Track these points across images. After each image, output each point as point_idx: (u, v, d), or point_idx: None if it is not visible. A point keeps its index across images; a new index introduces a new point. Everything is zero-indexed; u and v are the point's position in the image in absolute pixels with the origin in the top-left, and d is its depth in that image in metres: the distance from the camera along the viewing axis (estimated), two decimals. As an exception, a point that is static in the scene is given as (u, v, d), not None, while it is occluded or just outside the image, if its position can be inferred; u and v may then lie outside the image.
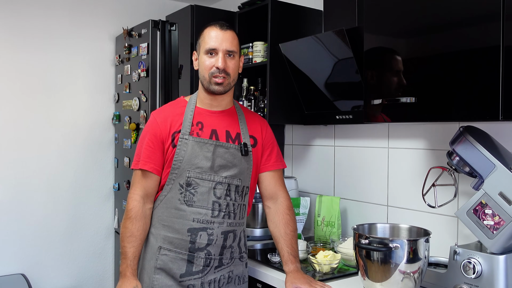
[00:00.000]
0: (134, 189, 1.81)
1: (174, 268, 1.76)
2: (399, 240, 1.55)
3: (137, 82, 2.97)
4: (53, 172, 3.15)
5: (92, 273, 3.32)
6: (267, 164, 1.94)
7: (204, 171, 1.76)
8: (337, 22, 2.33)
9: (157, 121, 1.82)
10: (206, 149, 1.77)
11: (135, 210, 1.78)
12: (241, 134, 1.87)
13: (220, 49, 1.76)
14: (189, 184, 1.76)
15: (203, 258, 1.77)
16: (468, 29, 1.53)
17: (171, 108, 1.88)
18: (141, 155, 1.80)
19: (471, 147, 1.60)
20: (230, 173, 1.80)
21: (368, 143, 2.40)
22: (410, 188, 2.17)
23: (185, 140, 1.77)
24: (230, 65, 1.78)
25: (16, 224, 3.01)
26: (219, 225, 1.78)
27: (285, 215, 1.92)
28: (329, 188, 2.62)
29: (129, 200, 1.80)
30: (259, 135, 1.92)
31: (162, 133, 1.79)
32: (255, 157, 1.89)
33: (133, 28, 3.04)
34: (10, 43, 2.98)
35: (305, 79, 2.40)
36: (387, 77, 1.82)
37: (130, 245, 1.76)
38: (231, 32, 1.80)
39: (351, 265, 2.00)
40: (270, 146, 1.96)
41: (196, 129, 1.80)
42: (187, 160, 1.76)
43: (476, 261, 1.56)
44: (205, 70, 1.78)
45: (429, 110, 1.65)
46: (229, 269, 1.83)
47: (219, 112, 1.87)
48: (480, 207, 1.59)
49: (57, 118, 3.16)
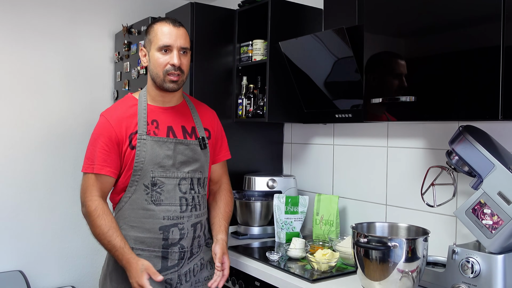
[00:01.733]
0: (90, 191, 1.76)
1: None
2: (397, 239, 1.55)
3: (136, 80, 2.96)
4: (51, 170, 3.14)
5: (90, 270, 3.32)
6: (219, 155, 2.01)
7: (167, 169, 1.78)
8: (337, 20, 2.33)
9: (110, 123, 1.77)
10: (166, 148, 1.78)
11: (100, 207, 1.75)
12: (196, 128, 1.89)
13: (174, 46, 1.75)
14: (154, 184, 1.77)
15: (177, 252, 1.81)
16: (469, 29, 1.53)
17: (122, 107, 1.84)
18: (95, 159, 1.75)
19: (470, 147, 1.60)
20: (191, 167, 1.83)
21: (367, 142, 2.40)
22: (409, 187, 2.17)
23: (144, 141, 1.76)
24: (184, 62, 1.79)
25: (14, 221, 3.01)
26: (188, 219, 1.82)
27: (227, 196, 2.01)
28: (328, 187, 2.62)
29: (89, 203, 1.75)
30: (212, 127, 1.96)
31: (117, 135, 1.76)
32: (211, 148, 1.93)
33: (132, 25, 3.04)
34: (8, 40, 2.97)
35: (305, 78, 2.40)
36: (386, 76, 1.82)
37: (114, 236, 1.72)
38: (183, 28, 1.81)
39: (350, 264, 2.00)
40: (221, 137, 2.03)
41: (152, 127, 1.79)
42: (148, 160, 1.76)
43: (475, 260, 1.56)
44: (159, 67, 1.76)
45: (429, 109, 1.65)
46: (200, 257, 1.90)
47: (171, 108, 1.87)
48: (479, 206, 1.59)
49: (55, 115, 3.15)
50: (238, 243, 2.40)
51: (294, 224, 2.46)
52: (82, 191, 1.79)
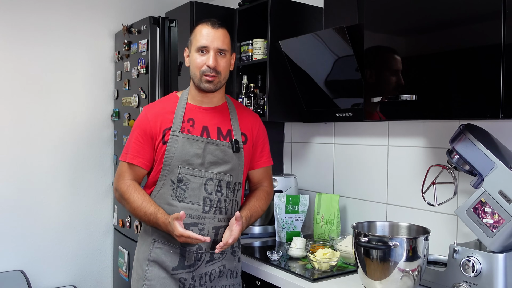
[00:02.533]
0: (122, 177, 1.84)
1: (167, 260, 1.79)
2: (398, 238, 1.54)
3: (137, 79, 2.96)
4: (52, 169, 3.14)
5: (91, 270, 3.32)
6: (259, 161, 1.97)
7: (195, 167, 1.78)
8: (337, 19, 2.32)
9: (147, 117, 1.83)
10: (197, 146, 1.78)
11: (132, 186, 1.81)
12: (233, 131, 1.87)
13: (211, 48, 1.77)
14: (180, 180, 1.78)
15: (194, 252, 1.79)
16: (469, 26, 1.52)
17: (163, 104, 1.89)
18: (129, 149, 1.83)
19: (471, 145, 1.60)
20: (221, 169, 1.81)
21: (367, 141, 2.40)
22: (409, 186, 2.16)
23: (176, 137, 1.78)
24: (221, 63, 1.79)
25: (15, 220, 3.01)
26: (210, 221, 1.79)
27: (260, 192, 1.95)
28: (329, 186, 2.62)
29: (121, 185, 1.82)
30: (250, 132, 1.93)
31: (152, 129, 1.81)
32: (247, 153, 1.90)
33: (132, 25, 3.03)
34: (8, 39, 2.97)
35: (305, 77, 2.39)
36: (387, 75, 1.81)
37: (148, 206, 1.75)
38: (222, 30, 1.80)
39: (350, 263, 2.00)
40: (262, 143, 1.98)
41: (187, 125, 1.81)
42: (177, 156, 1.77)
43: (476, 259, 1.55)
44: (196, 68, 1.79)
45: (430, 108, 1.65)
46: (221, 264, 1.85)
47: (210, 109, 1.87)
48: (479, 205, 1.58)
49: (55, 115, 3.15)
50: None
51: (294, 223, 2.46)
52: (116, 177, 1.87)
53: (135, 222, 2.93)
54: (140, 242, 1.89)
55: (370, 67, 1.87)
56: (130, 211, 1.81)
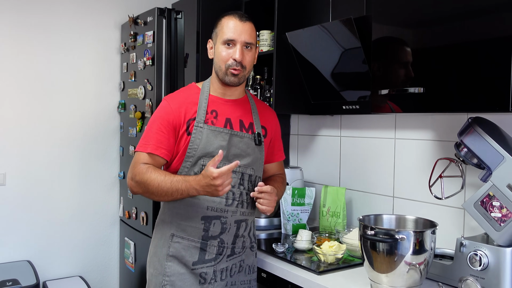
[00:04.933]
0: (138, 164, 1.73)
1: (186, 255, 1.77)
2: (405, 232, 1.54)
3: (143, 71, 2.96)
4: (59, 160, 3.15)
5: (97, 261, 3.34)
6: (275, 156, 2.00)
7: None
8: (344, 11, 2.30)
9: (171, 106, 1.78)
10: (221, 138, 1.77)
11: (151, 167, 1.71)
12: (254, 124, 1.87)
13: (238, 41, 1.74)
14: None
15: (216, 246, 1.78)
16: (479, 19, 1.51)
17: (184, 94, 1.85)
18: (150, 139, 1.75)
19: (479, 139, 1.59)
20: (244, 162, 1.80)
21: (374, 134, 2.38)
22: (416, 179, 2.15)
23: (200, 128, 1.76)
24: (247, 57, 1.77)
25: (22, 211, 3.03)
26: (232, 214, 1.78)
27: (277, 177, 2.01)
28: (335, 179, 2.61)
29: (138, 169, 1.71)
30: (269, 127, 1.94)
31: (175, 119, 1.76)
32: (266, 147, 1.90)
33: (138, 16, 3.02)
34: (13, 32, 2.97)
35: (312, 69, 2.38)
36: (395, 67, 1.80)
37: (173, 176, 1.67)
38: (250, 23, 1.78)
39: (356, 256, 2.00)
40: (278, 138, 2.01)
41: (211, 117, 1.79)
42: (202, 148, 1.75)
43: (483, 253, 1.55)
44: (222, 61, 1.77)
45: (438, 100, 1.63)
46: (241, 258, 1.85)
47: (232, 101, 1.86)
48: (487, 199, 1.57)
49: (62, 106, 3.15)
50: (244, 235, 2.40)
51: (300, 216, 2.46)
52: (131, 168, 1.76)
53: (141, 213, 2.94)
54: (157, 235, 1.86)
55: (378, 59, 1.86)
56: (154, 190, 1.68)
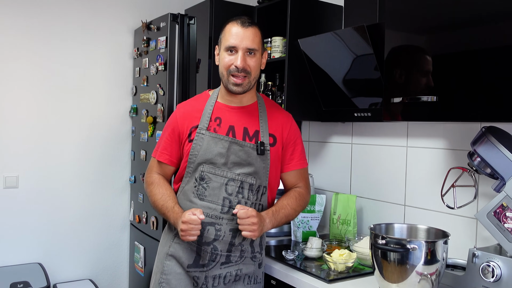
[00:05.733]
0: (151, 171, 1.92)
1: (183, 257, 1.80)
2: (416, 241, 1.52)
3: (155, 76, 2.97)
4: (71, 164, 3.17)
5: (107, 264, 3.36)
6: (290, 164, 1.90)
7: (218, 166, 1.77)
8: (357, 18, 2.30)
9: (177, 115, 1.88)
10: (221, 145, 1.77)
11: (157, 180, 1.88)
12: (260, 132, 1.83)
13: (240, 47, 1.74)
14: (202, 179, 1.77)
15: (209, 253, 1.77)
16: (494, 26, 1.49)
17: (194, 102, 1.92)
18: (159, 146, 1.89)
19: (493, 148, 1.57)
20: (244, 170, 1.78)
21: (386, 142, 2.37)
22: (428, 188, 2.13)
23: (201, 135, 1.79)
24: (251, 63, 1.76)
25: (34, 214, 3.05)
26: (227, 222, 1.76)
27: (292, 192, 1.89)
28: (346, 186, 2.60)
29: (148, 178, 1.90)
30: (279, 134, 1.86)
31: (180, 126, 1.84)
32: (274, 156, 1.84)
33: (151, 21, 3.04)
34: (29, 36, 3.01)
35: (323, 75, 2.37)
36: (407, 75, 1.78)
37: (168, 200, 1.80)
38: (252, 28, 1.76)
39: (367, 265, 1.98)
40: (293, 144, 1.90)
41: (214, 124, 1.81)
42: (201, 154, 1.78)
43: (496, 264, 1.53)
44: (224, 68, 1.78)
45: (451, 109, 1.62)
46: (237, 267, 1.81)
47: (238, 108, 1.85)
48: (501, 209, 1.55)
49: (75, 111, 3.18)
50: (254, 241, 2.39)
51: (310, 223, 2.44)
52: (147, 169, 1.95)
53: (151, 218, 2.95)
54: (163, 237, 1.93)
55: (391, 67, 1.85)
56: (151, 202, 1.87)
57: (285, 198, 1.88)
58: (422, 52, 1.73)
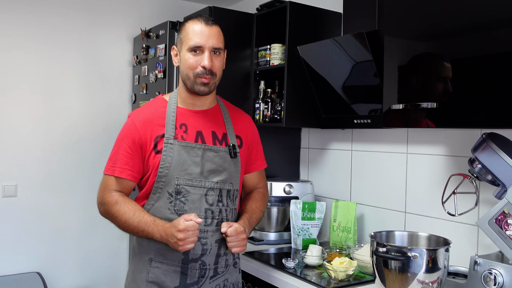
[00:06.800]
0: (108, 190, 1.68)
1: (167, 281, 1.66)
2: (418, 249, 1.51)
3: (154, 83, 2.97)
4: (70, 173, 3.17)
5: (106, 273, 3.33)
6: (254, 164, 1.88)
7: (194, 177, 1.65)
8: (356, 24, 2.29)
9: (135, 124, 1.68)
10: (194, 154, 1.66)
11: (121, 198, 1.67)
12: (228, 135, 1.75)
13: (206, 47, 1.63)
14: (178, 192, 1.64)
15: (198, 269, 1.66)
16: (494, 32, 1.49)
17: (150, 109, 1.74)
18: (117, 161, 1.68)
19: (494, 155, 1.56)
20: (221, 177, 1.69)
21: (386, 148, 2.36)
22: (429, 195, 2.12)
23: (170, 145, 1.64)
24: (216, 63, 1.67)
25: (32, 223, 3.04)
26: (213, 234, 1.67)
27: (256, 193, 1.88)
28: (346, 193, 2.59)
29: (108, 199, 1.67)
30: (244, 135, 1.82)
31: (141, 138, 1.66)
32: (243, 158, 1.79)
33: (151, 29, 3.05)
34: (28, 43, 3.01)
35: (323, 82, 2.37)
36: (407, 81, 1.78)
37: (142, 214, 1.62)
38: (216, 27, 1.68)
39: (368, 273, 1.96)
40: (257, 145, 1.89)
41: (180, 132, 1.68)
42: (174, 166, 1.64)
43: (498, 272, 1.51)
44: (189, 69, 1.65)
45: (451, 116, 1.61)
46: (224, 278, 1.73)
47: (203, 112, 1.75)
48: (502, 216, 1.54)
49: (74, 118, 3.18)
50: (254, 249, 2.38)
51: (311, 231, 2.43)
52: (100, 191, 1.71)
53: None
54: (134, 260, 1.74)
55: (390, 73, 1.84)
56: (120, 224, 1.66)
57: (253, 201, 1.84)
58: (421, 59, 1.72)
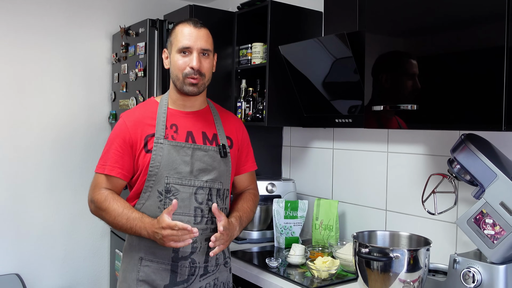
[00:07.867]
0: (98, 188, 1.72)
1: (157, 279, 1.69)
2: (399, 250, 1.54)
3: (134, 82, 2.94)
4: (49, 172, 3.12)
5: (87, 273, 3.30)
6: (245, 166, 1.93)
7: (183, 176, 1.69)
8: (337, 24, 2.31)
9: (127, 124, 1.73)
10: (184, 153, 1.70)
11: (111, 195, 1.69)
12: (218, 135, 1.80)
13: (194, 48, 1.69)
14: (168, 191, 1.68)
15: (188, 267, 1.70)
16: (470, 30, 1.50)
17: (142, 110, 1.79)
18: (108, 160, 1.72)
19: (472, 156, 1.59)
20: (210, 176, 1.73)
21: (367, 147, 2.39)
22: (409, 193, 2.16)
23: (160, 145, 1.69)
24: (205, 64, 1.72)
25: (11, 224, 2.98)
26: (202, 232, 1.70)
27: (247, 194, 1.92)
28: (327, 191, 2.61)
29: (97, 196, 1.70)
30: (235, 136, 1.87)
31: (131, 137, 1.71)
32: (233, 158, 1.83)
33: (130, 27, 3.01)
34: (4, 40, 2.94)
35: (304, 80, 2.38)
36: (388, 83, 1.80)
37: (131, 212, 1.65)
38: (205, 29, 1.74)
39: (350, 271, 1.99)
40: (247, 146, 1.94)
41: (171, 132, 1.72)
42: (164, 165, 1.68)
43: (476, 270, 1.55)
44: (179, 70, 1.71)
45: (431, 118, 1.63)
46: (214, 277, 1.77)
47: (193, 113, 1.80)
48: (480, 216, 1.58)
49: (52, 117, 3.13)
50: (237, 248, 2.39)
51: (293, 229, 2.45)
52: (90, 189, 1.75)
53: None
54: (125, 259, 1.77)
55: (371, 74, 1.86)
56: (110, 221, 1.69)
57: (244, 201, 1.88)
58: (403, 58, 1.74)
